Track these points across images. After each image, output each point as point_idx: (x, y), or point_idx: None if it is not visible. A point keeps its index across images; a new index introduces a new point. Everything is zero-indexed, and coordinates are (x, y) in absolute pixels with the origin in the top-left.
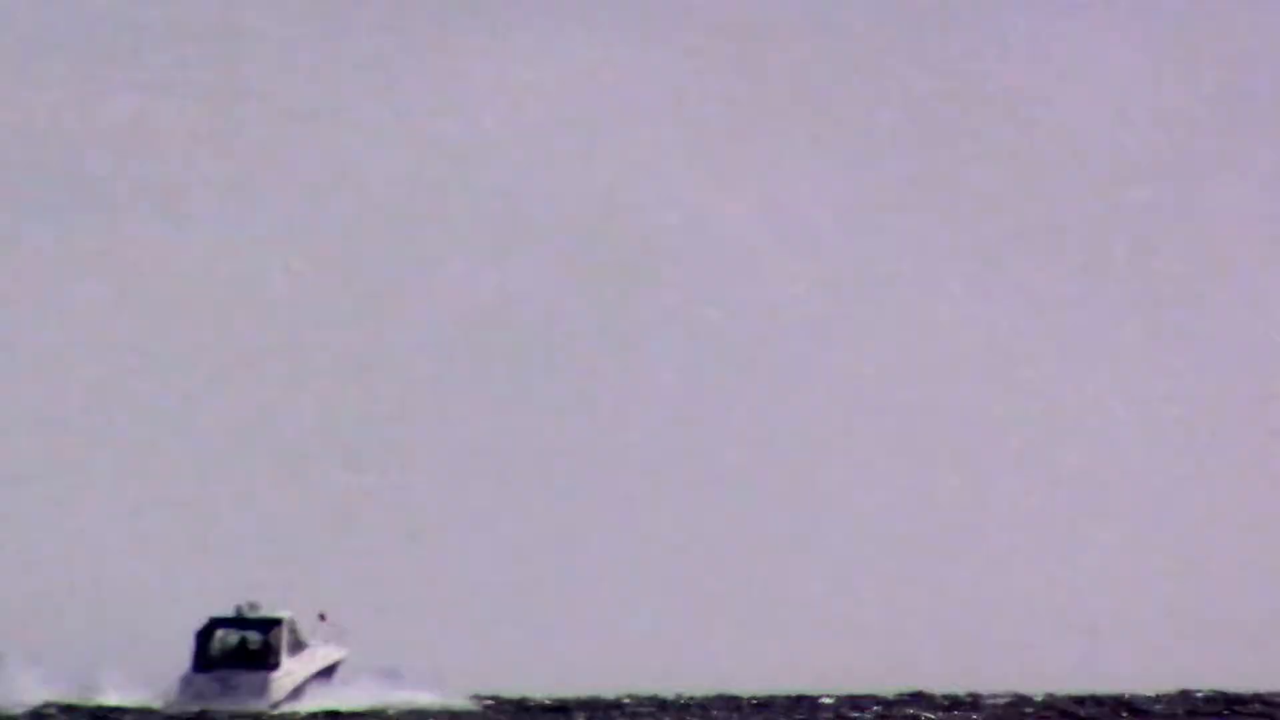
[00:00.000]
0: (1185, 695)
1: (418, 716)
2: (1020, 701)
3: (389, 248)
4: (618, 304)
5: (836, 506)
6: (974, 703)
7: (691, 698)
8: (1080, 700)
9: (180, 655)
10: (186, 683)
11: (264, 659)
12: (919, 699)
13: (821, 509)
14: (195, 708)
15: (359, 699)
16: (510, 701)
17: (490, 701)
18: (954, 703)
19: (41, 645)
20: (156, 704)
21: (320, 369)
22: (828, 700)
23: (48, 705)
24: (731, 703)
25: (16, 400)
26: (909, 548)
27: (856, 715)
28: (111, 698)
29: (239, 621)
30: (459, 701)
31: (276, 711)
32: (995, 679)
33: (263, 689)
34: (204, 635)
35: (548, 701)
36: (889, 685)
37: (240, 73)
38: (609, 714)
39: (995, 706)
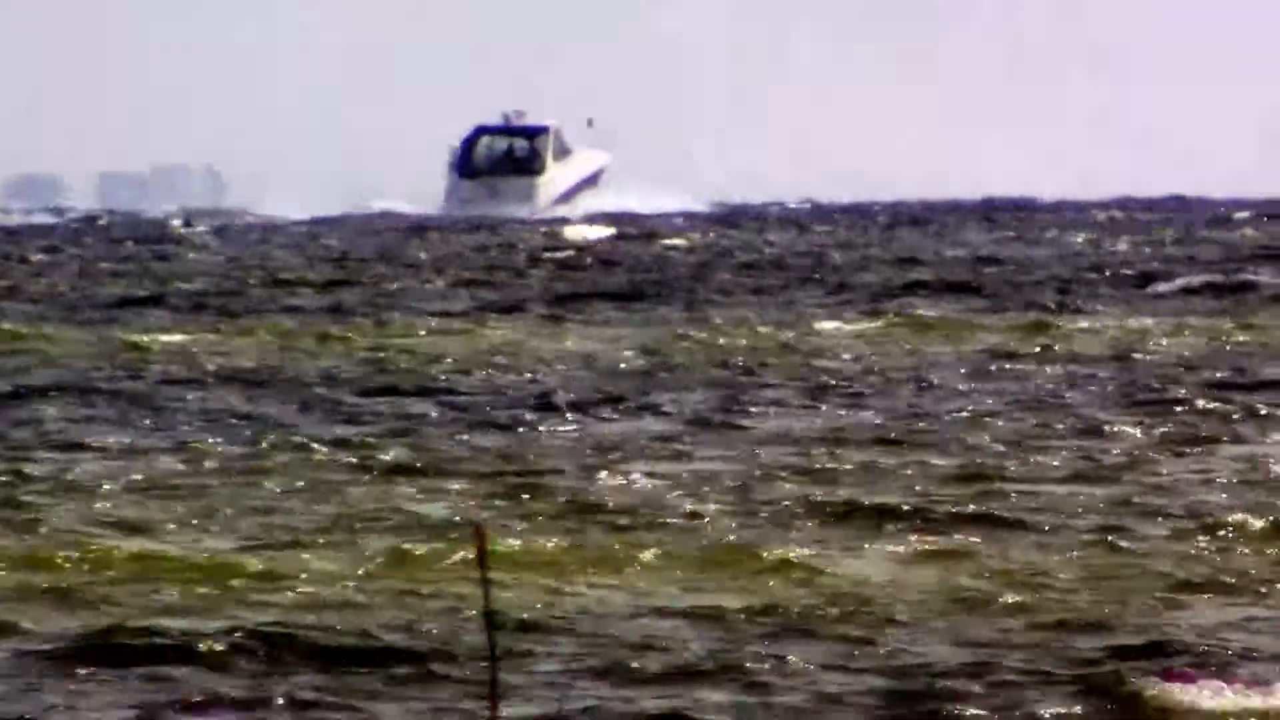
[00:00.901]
0: None
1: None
2: None
3: None
4: None
5: None
6: None
7: None
8: None
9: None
10: (453, 189)
11: (530, 165)
12: None
13: None
14: (462, 213)
15: (622, 203)
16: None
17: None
18: None
19: (312, 163)
20: (427, 209)
21: None
22: None
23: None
24: None
25: None
26: None
27: None
28: (380, 206)
29: (505, 130)
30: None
31: (541, 217)
32: None
33: (529, 194)
34: (470, 143)
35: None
36: None
37: None
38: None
39: None
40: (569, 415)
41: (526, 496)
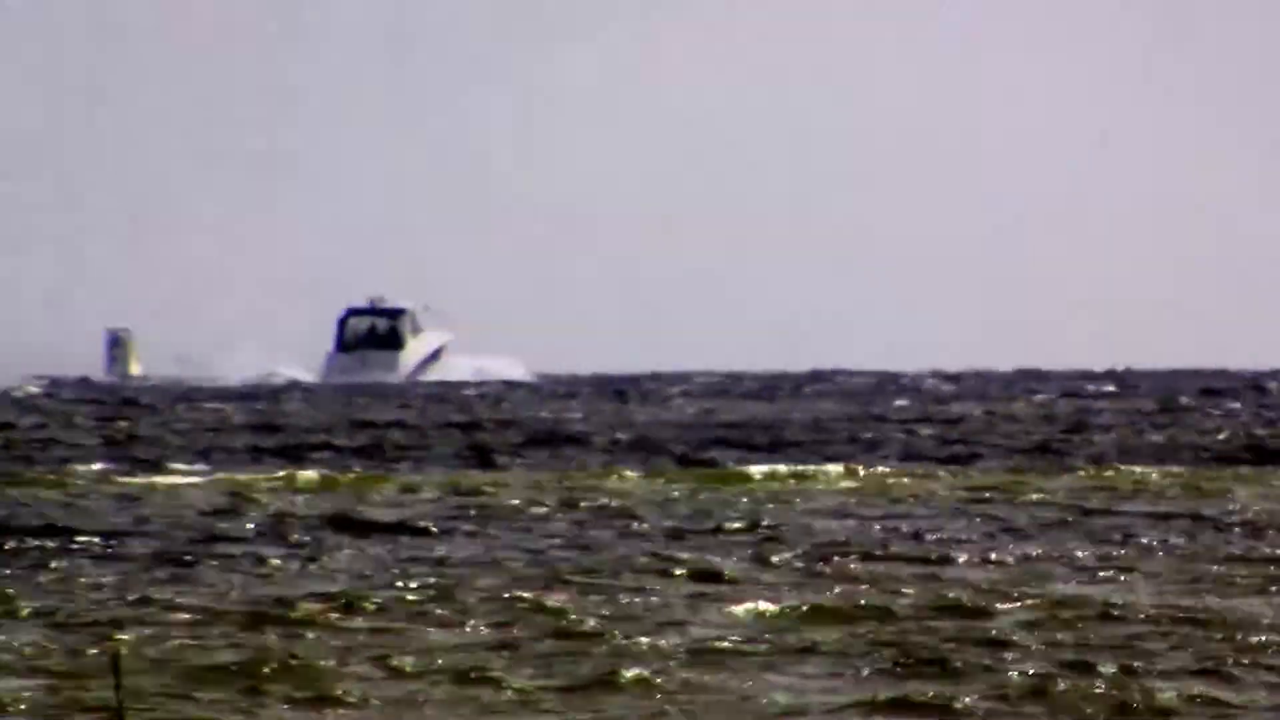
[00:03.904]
0: None
1: (504, 386)
2: None
3: None
4: None
5: None
6: None
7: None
8: None
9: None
10: (331, 362)
11: (392, 340)
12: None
13: None
14: (340, 380)
15: (461, 372)
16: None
17: (551, 375)
18: None
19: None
20: (310, 378)
21: None
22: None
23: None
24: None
25: None
26: None
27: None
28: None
29: (371, 311)
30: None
31: (403, 383)
32: None
33: (393, 365)
34: (343, 322)
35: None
36: None
37: None
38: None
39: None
40: None
41: None
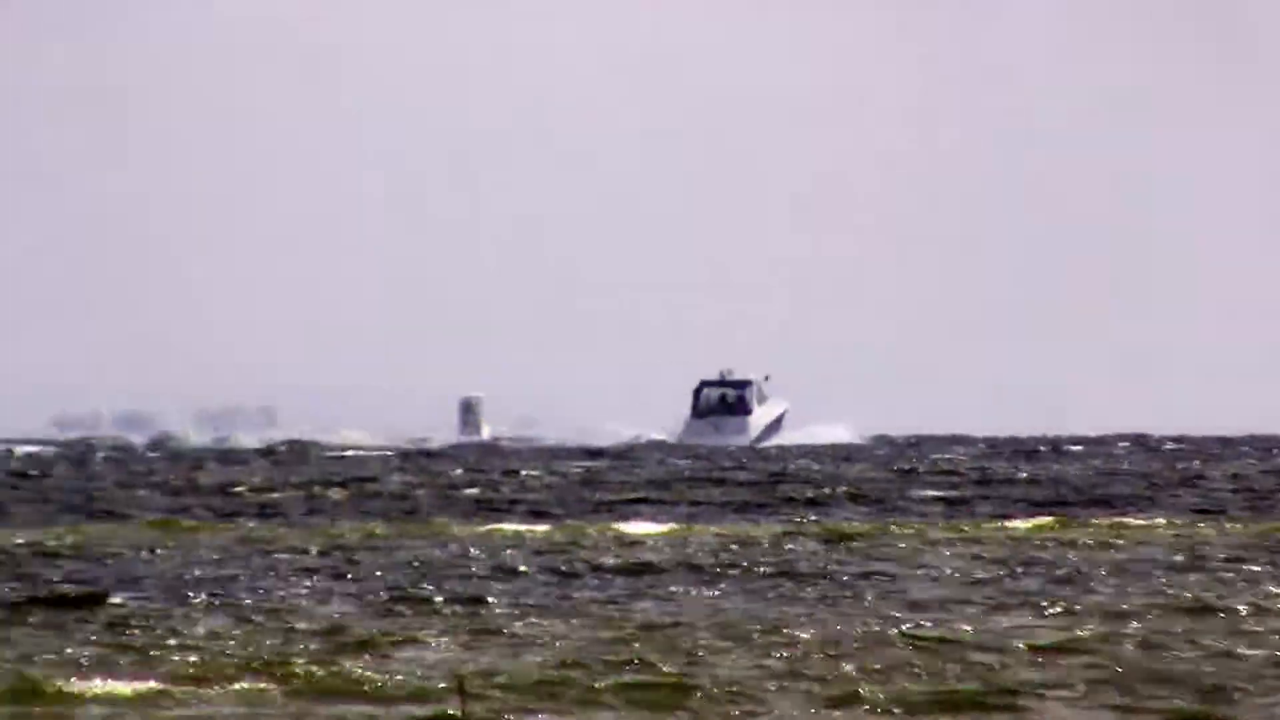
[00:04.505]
0: None
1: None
2: None
3: None
4: None
5: None
6: None
7: None
8: None
9: (680, 407)
10: (689, 426)
11: (741, 408)
12: None
13: None
14: (696, 442)
15: (798, 438)
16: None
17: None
18: None
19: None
20: (668, 439)
21: None
22: None
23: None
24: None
25: None
26: None
27: None
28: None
29: (721, 383)
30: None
31: (750, 444)
32: None
33: (741, 429)
34: (698, 392)
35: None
36: None
37: None
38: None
39: None
40: None
41: None
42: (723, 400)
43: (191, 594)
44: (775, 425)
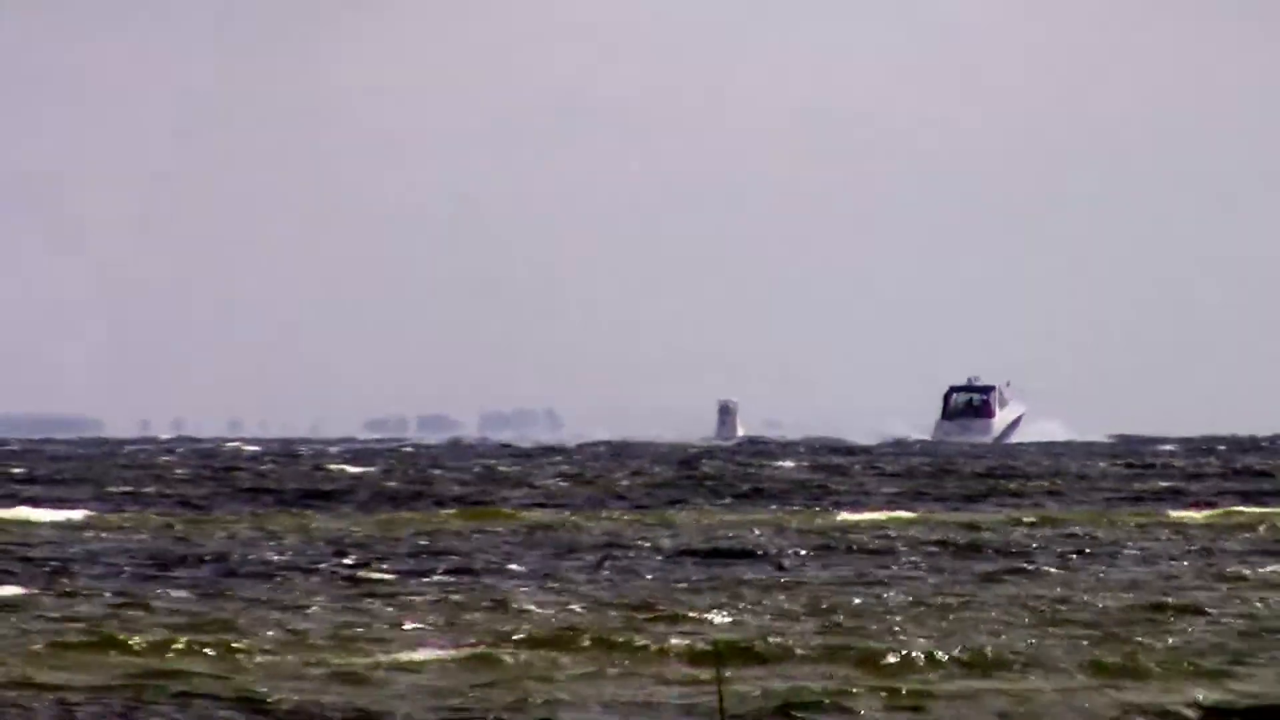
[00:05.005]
0: None
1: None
2: None
3: None
4: None
5: None
6: None
7: None
8: None
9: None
10: (940, 425)
11: (985, 411)
12: None
13: None
14: (945, 439)
15: (1032, 435)
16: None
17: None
18: None
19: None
20: (924, 437)
21: None
22: None
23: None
24: None
25: None
26: None
27: None
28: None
29: (968, 388)
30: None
31: (992, 443)
32: None
33: (985, 430)
34: (948, 396)
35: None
36: None
37: None
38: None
39: None
40: None
41: None
42: (969, 404)
43: None
44: (1014, 425)
